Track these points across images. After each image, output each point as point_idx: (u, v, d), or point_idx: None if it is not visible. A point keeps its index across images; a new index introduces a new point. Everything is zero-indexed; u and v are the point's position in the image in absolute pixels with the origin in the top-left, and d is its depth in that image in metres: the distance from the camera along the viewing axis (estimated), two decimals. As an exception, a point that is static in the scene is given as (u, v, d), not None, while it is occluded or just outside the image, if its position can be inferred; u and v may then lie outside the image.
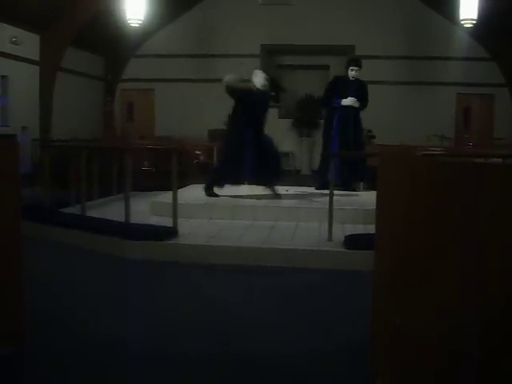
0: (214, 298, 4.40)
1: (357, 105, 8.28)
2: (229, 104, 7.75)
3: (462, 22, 10.02)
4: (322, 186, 8.11)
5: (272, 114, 9.11)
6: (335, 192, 6.06)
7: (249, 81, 7.61)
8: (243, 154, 7.32)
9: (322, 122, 10.55)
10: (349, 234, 5.72)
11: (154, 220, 6.59)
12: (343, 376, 3.01)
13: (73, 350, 3.27)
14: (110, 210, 7.22)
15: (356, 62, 8.46)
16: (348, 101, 8.23)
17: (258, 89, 7.51)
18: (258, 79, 7.54)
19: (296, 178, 12.76)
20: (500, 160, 6.64)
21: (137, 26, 10.34)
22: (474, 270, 2.00)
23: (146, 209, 7.30)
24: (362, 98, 8.36)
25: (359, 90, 8.35)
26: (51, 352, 3.23)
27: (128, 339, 3.48)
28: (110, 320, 3.84)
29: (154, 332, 3.62)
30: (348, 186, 8.28)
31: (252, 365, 3.14)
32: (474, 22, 9.90)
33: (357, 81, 8.42)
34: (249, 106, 7.37)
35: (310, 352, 3.31)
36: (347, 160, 7.80)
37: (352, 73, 8.33)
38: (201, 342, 3.46)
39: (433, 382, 2.24)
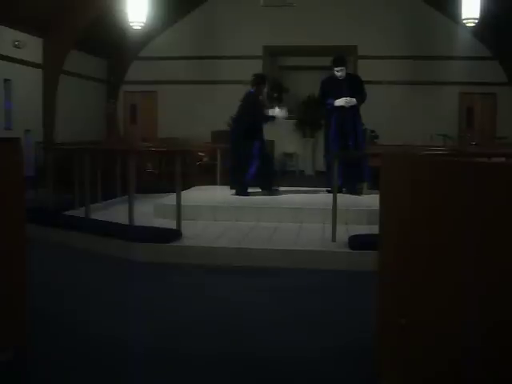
0: (218, 299, 4.40)
1: (350, 104, 7.91)
2: (231, 105, 7.76)
3: (464, 21, 10.02)
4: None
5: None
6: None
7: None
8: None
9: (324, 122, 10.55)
10: (353, 234, 5.72)
11: (158, 222, 6.59)
12: (346, 376, 3.01)
13: (77, 353, 3.28)
14: (114, 213, 7.23)
15: (337, 62, 8.07)
16: (340, 101, 7.91)
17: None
18: None
19: (300, 179, 12.76)
20: (503, 159, 6.63)
21: (139, 28, 10.36)
22: (479, 270, 2.00)
23: (150, 211, 7.30)
24: (358, 93, 8.02)
25: (353, 86, 8.03)
26: (54, 355, 3.23)
27: (133, 341, 3.48)
28: (115, 322, 3.84)
29: (158, 334, 3.62)
30: (352, 189, 7.98)
31: (256, 366, 3.14)
32: (476, 21, 9.89)
33: (349, 78, 8.14)
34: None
35: (314, 353, 3.31)
36: (348, 162, 7.62)
37: (338, 73, 8.01)
38: (204, 343, 3.46)
39: (438, 382, 2.24)
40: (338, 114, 8.01)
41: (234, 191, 7.91)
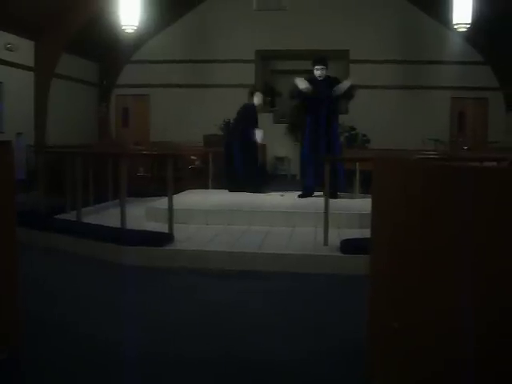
0: (210, 303, 4.40)
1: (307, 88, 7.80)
2: (224, 109, 7.74)
3: (456, 27, 10.06)
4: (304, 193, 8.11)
5: (267, 119, 9.16)
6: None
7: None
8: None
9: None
10: (345, 238, 5.72)
11: (150, 226, 6.58)
12: (339, 378, 3.02)
13: (68, 357, 3.26)
14: (106, 216, 7.21)
15: (318, 61, 8.08)
16: (301, 83, 7.82)
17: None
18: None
19: (291, 183, 12.76)
20: (495, 163, 6.66)
21: (131, 31, 10.33)
22: (472, 273, 2.00)
23: (142, 214, 7.29)
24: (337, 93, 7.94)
25: (331, 87, 7.96)
26: (46, 359, 3.21)
27: (125, 345, 3.47)
28: (107, 326, 3.83)
29: (150, 337, 3.61)
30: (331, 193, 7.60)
31: (247, 369, 3.13)
32: (468, 26, 9.94)
33: (328, 79, 8.09)
34: None
35: (306, 356, 3.31)
36: (321, 165, 7.07)
37: (317, 72, 8.00)
38: (196, 346, 3.46)
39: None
40: (312, 112, 8.03)
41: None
